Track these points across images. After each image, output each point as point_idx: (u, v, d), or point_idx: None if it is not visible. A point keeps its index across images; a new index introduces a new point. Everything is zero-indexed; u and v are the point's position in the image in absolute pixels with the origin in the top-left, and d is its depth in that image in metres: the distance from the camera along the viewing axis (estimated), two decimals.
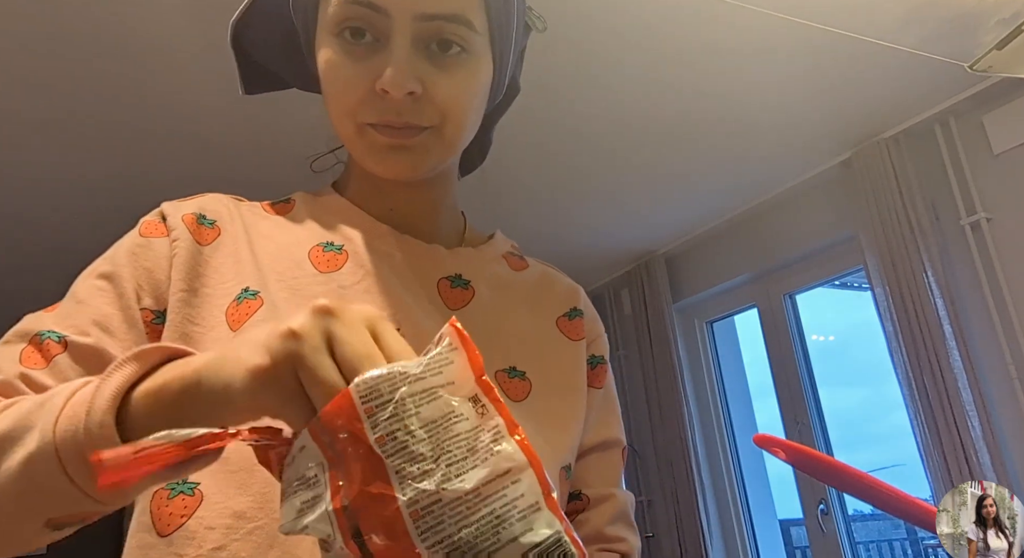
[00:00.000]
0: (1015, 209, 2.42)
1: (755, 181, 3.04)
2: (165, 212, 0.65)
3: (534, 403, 0.66)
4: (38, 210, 2.75)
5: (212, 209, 0.66)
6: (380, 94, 0.59)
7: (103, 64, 2.01)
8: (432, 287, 0.67)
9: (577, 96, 2.35)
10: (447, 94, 0.61)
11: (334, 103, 0.62)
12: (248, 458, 0.51)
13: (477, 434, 0.36)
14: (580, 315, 0.76)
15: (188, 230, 0.64)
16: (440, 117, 0.61)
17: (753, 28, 2.07)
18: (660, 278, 3.62)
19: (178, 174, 2.57)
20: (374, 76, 0.59)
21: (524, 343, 0.69)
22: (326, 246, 0.66)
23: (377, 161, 0.63)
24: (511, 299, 0.72)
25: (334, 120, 0.64)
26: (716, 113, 2.51)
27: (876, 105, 2.53)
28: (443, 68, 0.61)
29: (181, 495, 0.53)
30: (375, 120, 0.60)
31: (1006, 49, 1.37)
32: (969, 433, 2.30)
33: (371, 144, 0.62)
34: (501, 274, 0.74)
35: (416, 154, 0.62)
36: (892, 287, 2.57)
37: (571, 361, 0.72)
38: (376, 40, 0.60)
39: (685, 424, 3.40)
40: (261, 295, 0.60)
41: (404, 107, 0.60)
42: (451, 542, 0.34)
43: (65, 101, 2.16)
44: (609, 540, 0.70)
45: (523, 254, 0.80)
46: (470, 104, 0.63)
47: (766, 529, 3.42)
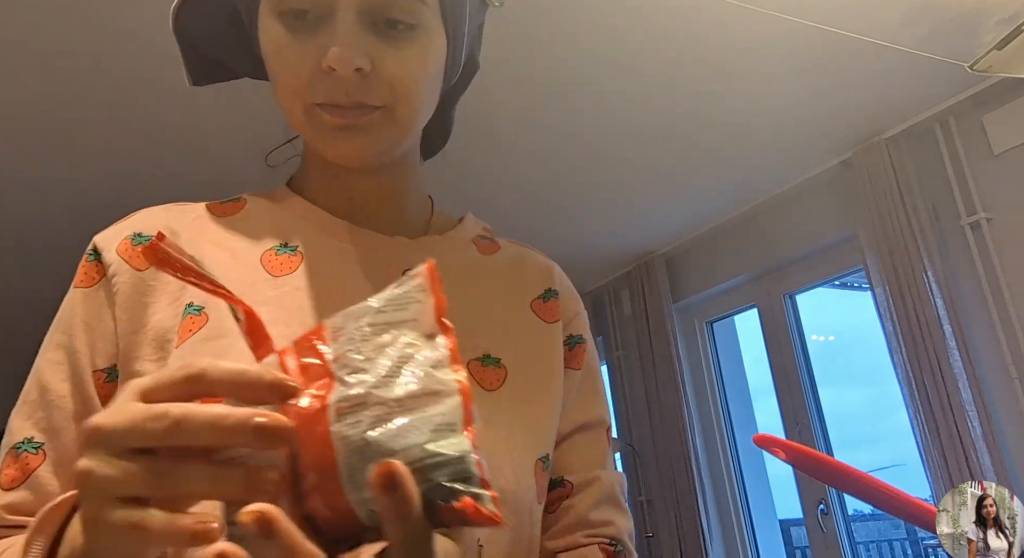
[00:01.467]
0: (1015, 209, 2.42)
1: (755, 181, 3.04)
2: (99, 247, 0.61)
3: (509, 391, 0.63)
4: (32, 209, 2.75)
5: (149, 226, 0.62)
6: (327, 72, 0.56)
7: (108, 65, 2.01)
8: (395, 280, 0.65)
9: (577, 96, 2.35)
10: (397, 71, 0.57)
11: (280, 85, 0.59)
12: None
13: (421, 362, 0.39)
14: (555, 295, 0.73)
15: (124, 260, 0.60)
16: (391, 96, 0.58)
17: (753, 28, 2.07)
18: (660, 278, 3.62)
19: (172, 174, 2.57)
20: (319, 54, 0.56)
21: (497, 330, 0.67)
22: (279, 248, 0.63)
23: (327, 143, 0.60)
24: (481, 285, 0.69)
25: (282, 103, 0.60)
26: (716, 113, 2.51)
27: (876, 105, 2.53)
28: (392, 44, 0.57)
29: None
30: (323, 100, 0.57)
31: (1006, 49, 1.37)
32: (969, 433, 2.30)
33: (320, 126, 0.59)
34: (470, 260, 0.71)
35: (368, 135, 0.59)
36: (892, 287, 2.57)
37: (547, 345, 0.69)
38: (320, 18, 0.56)
39: (685, 424, 3.40)
40: (206, 311, 0.57)
41: (352, 85, 0.56)
42: (362, 439, 0.35)
43: (62, 99, 2.16)
44: (594, 525, 0.67)
45: (495, 236, 0.76)
46: (423, 82, 0.59)
47: (766, 529, 3.42)
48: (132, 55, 1.99)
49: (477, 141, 2.51)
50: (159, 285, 0.59)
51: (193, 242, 0.62)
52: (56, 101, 2.15)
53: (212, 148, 2.47)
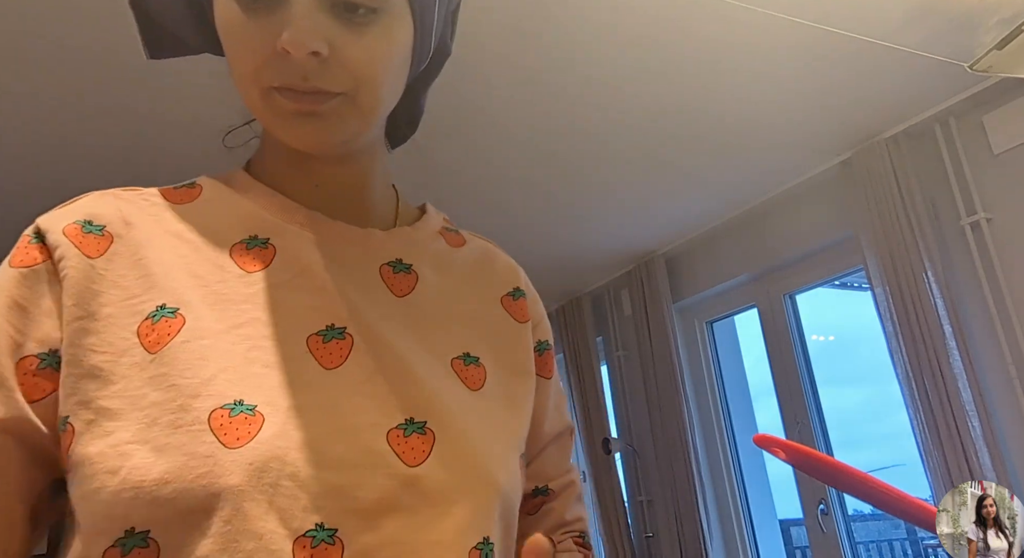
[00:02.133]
0: (1015, 209, 2.42)
1: (755, 181, 3.05)
2: (42, 228, 0.56)
3: (491, 390, 0.63)
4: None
5: (99, 213, 0.57)
6: (282, 54, 0.53)
7: (102, 45, 2.01)
8: (374, 275, 0.62)
9: (577, 95, 2.35)
10: (359, 57, 0.54)
11: (236, 66, 0.56)
12: (200, 497, 0.47)
13: None
14: (523, 295, 0.72)
15: (73, 244, 0.55)
16: (352, 82, 0.55)
17: (753, 28, 2.07)
18: (660, 278, 3.62)
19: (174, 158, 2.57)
20: (275, 35, 0.53)
21: (473, 326, 0.66)
22: (249, 242, 0.60)
23: (285, 129, 0.57)
24: (454, 279, 0.68)
25: (238, 85, 0.57)
26: (716, 113, 2.51)
27: (876, 105, 2.53)
28: (353, 29, 0.54)
29: (136, 549, 0.48)
30: (279, 84, 0.54)
31: (1006, 49, 1.37)
32: (969, 433, 2.30)
33: (277, 110, 0.55)
34: (441, 253, 0.69)
35: (328, 122, 0.56)
36: (892, 287, 2.57)
37: (519, 343, 0.68)
38: None
39: (685, 424, 3.40)
40: (181, 312, 0.54)
41: (310, 69, 0.53)
42: None
43: (58, 78, 2.15)
44: (569, 523, 0.72)
45: (457, 228, 0.75)
46: (386, 68, 0.56)
47: (766, 529, 3.42)
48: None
49: (477, 141, 2.51)
50: (110, 276, 0.55)
51: (150, 233, 0.58)
52: (49, 80, 2.15)
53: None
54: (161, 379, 0.51)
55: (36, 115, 2.20)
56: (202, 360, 0.52)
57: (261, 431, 0.49)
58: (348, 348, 0.56)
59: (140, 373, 0.51)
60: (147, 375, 0.51)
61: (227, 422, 0.49)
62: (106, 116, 2.24)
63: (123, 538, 0.48)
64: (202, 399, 0.50)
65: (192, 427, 0.49)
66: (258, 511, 0.47)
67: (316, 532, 0.49)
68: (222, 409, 0.50)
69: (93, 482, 0.48)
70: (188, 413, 0.49)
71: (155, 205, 0.61)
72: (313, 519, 0.49)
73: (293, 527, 0.48)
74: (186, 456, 0.48)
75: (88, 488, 0.49)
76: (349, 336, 0.57)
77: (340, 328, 0.57)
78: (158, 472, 0.47)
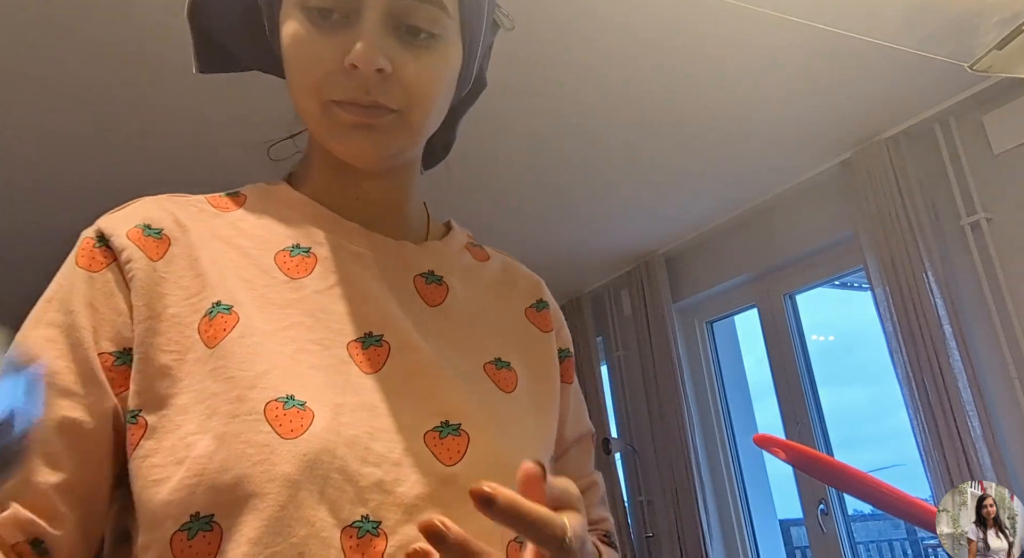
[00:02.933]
0: (1015, 209, 2.42)
1: (755, 181, 3.05)
2: (104, 231, 0.59)
3: (522, 394, 0.66)
4: (35, 216, 2.75)
5: (155, 217, 0.61)
6: (348, 70, 0.57)
7: (103, 68, 2.01)
8: (409, 285, 0.66)
9: (577, 96, 2.35)
10: (416, 76, 0.59)
11: (299, 78, 0.60)
12: (257, 483, 0.50)
13: None
14: (546, 306, 0.75)
15: (138, 248, 0.58)
16: (407, 100, 0.59)
17: (754, 28, 2.07)
18: (660, 278, 3.62)
19: (168, 176, 2.57)
20: (342, 51, 0.57)
21: (502, 334, 0.69)
22: (292, 249, 0.63)
23: (340, 140, 0.60)
24: (481, 291, 0.71)
25: (297, 97, 0.61)
26: (716, 113, 2.51)
27: (876, 105, 2.53)
28: (412, 51, 0.59)
29: (201, 533, 0.51)
30: (341, 97, 0.58)
31: (1006, 49, 1.37)
32: (969, 433, 2.30)
33: (336, 122, 0.59)
34: (468, 266, 0.73)
35: (381, 135, 0.60)
36: (892, 287, 2.57)
37: (545, 351, 0.72)
38: (345, 17, 0.58)
39: (685, 424, 3.40)
40: (235, 309, 0.57)
41: (372, 84, 0.57)
42: None
43: (63, 106, 2.16)
44: (593, 522, 0.73)
45: (481, 244, 0.78)
46: (438, 89, 0.61)
47: (766, 529, 3.42)
48: (133, 58, 1.99)
49: (477, 141, 2.51)
50: (171, 277, 0.58)
51: (201, 237, 0.61)
52: (54, 106, 2.15)
53: (209, 151, 2.47)
54: (219, 371, 0.54)
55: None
56: (256, 355, 0.55)
57: (312, 425, 0.52)
58: (385, 355, 0.59)
59: (202, 368, 0.54)
60: (207, 368, 0.54)
61: (282, 414, 0.52)
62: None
63: (188, 523, 0.50)
64: (258, 391, 0.53)
65: (249, 417, 0.52)
66: (311, 500, 0.50)
67: (362, 523, 0.51)
68: (276, 401, 0.53)
69: (163, 472, 0.52)
70: (245, 403, 0.52)
71: (203, 211, 0.64)
72: (360, 511, 0.51)
73: (341, 517, 0.51)
74: (244, 444, 0.51)
75: (157, 477, 0.52)
76: (386, 343, 0.60)
77: (378, 336, 0.60)
78: (219, 459, 0.51)
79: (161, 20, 1.85)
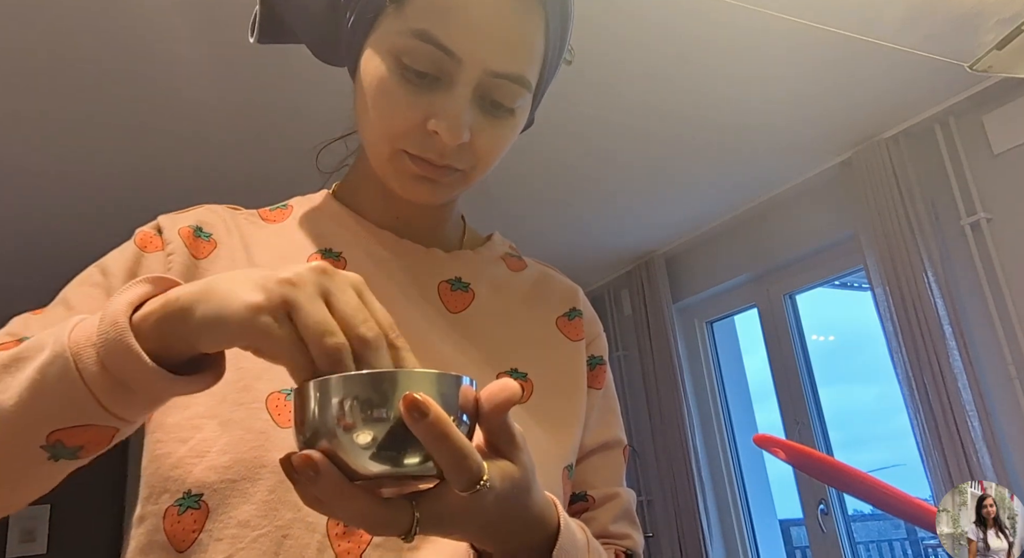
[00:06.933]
0: (1015, 209, 2.42)
1: (755, 181, 3.05)
2: (161, 225, 0.66)
3: (536, 404, 0.67)
4: (38, 206, 2.75)
5: (209, 222, 0.67)
6: (429, 133, 0.59)
7: (104, 61, 2.01)
8: (432, 290, 0.68)
9: (577, 96, 2.35)
10: (488, 145, 0.62)
11: (378, 123, 0.61)
12: (250, 468, 0.53)
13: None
14: (579, 315, 0.76)
15: (184, 244, 0.64)
16: (474, 163, 0.63)
17: (753, 28, 2.07)
18: (660, 278, 3.62)
19: (179, 170, 2.57)
20: (427, 111, 0.59)
21: (525, 344, 0.70)
22: (324, 252, 0.67)
23: (401, 185, 0.64)
24: (511, 300, 0.73)
25: (368, 137, 0.64)
26: (716, 113, 2.51)
27: (876, 105, 2.53)
28: (491, 121, 0.62)
29: (189, 510, 0.54)
30: (415, 152, 0.61)
31: (1006, 49, 1.37)
32: (969, 433, 2.30)
33: (403, 170, 0.62)
34: (500, 275, 0.75)
35: (442, 188, 0.64)
36: (892, 287, 2.57)
37: (571, 361, 0.73)
38: (437, 78, 0.59)
39: (685, 424, 3.40)
40: None
41: (448, 151, 0.61)
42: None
43: (65, 98, 2.16)
44: (615, 537, 0.71)
45: (521, 254, 0.81)
46: (503, 153, 0.65)
47: (766, 529, 3.42)
48: (133, 51, 1.99)
49: None
50: (210, 274, 0.62)
51: (247, 243, 0.67)
52: (57, 98, 2.15)
53: (214, 144, 2.47)
54: (233, 360, 0.56)
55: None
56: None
57: None
58: None
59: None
60: None
61: (282, 404, 0.56)
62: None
63: (182, 499, 0.54)
64: (263, 382, 0.57)
65: (252, 405, 0.56)
66: None
67: None
68: (279, 393, 0.57)
69: (166, 447, 0.56)
70: (249, 392, 0.56)
71: (252, 223, 0.70)
72: None
73: None
74: (243, 430, 0.55)
75: (161, 452, 0.56)
76: None
77: None
78: (221, 444, 0.54)
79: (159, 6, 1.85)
